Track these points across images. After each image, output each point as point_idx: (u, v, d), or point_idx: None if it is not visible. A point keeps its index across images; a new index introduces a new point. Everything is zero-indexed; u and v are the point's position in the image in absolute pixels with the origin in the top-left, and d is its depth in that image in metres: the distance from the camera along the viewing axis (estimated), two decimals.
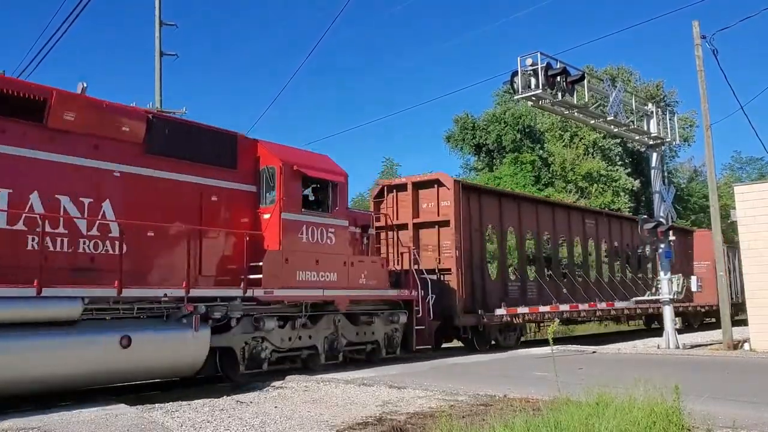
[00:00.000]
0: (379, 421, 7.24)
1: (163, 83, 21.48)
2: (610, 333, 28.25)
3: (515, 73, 14.60)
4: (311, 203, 13.22)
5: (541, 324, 20.45)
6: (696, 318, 29.16)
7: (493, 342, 17.69)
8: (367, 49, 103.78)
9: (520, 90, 14.66)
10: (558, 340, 20.09)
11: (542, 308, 18.38)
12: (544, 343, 17.60)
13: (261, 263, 11.54)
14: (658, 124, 18.54)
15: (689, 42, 18.59)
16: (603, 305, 20.92)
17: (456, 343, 18.24)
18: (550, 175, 37.61)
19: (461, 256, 16.64)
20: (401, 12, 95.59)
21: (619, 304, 21.60)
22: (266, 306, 11.75)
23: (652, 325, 27.18)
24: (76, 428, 7.10)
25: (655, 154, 18.81)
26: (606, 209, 32.35)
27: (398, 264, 15.95)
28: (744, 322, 18.18)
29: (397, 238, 16.26)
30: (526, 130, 37.57)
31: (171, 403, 8.73)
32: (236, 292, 11.13)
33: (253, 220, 12.29)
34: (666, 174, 26.19)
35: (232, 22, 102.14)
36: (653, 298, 19.31)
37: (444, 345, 17.84)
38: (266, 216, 12.26)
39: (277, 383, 10.71)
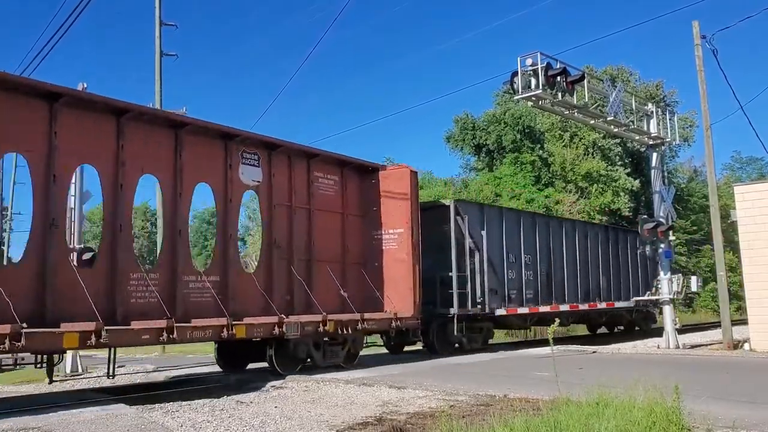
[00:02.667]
0: (379, 421, 7.24)
1: (164, 83, 21.51)
2: None
3: (515, 74, 14.58)
4: None
5: None
6: (356, 342, 13.35)
7: None
8: (366, 49, 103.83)
9: (520, 90, 14.64)
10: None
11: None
12: (544, 343, 17.59)
13: None
14: (658, 124, 18.55)
15: (689, 42, 18.62)
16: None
17: None
18: (550, 175, 37.56)
19: None
20: (401, 12, 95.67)
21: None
22: None
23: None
24: (76, 428, 7.10)
25: (655, 154, 18.81)
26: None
27: None
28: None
29: None
30: (526, 131, 37.52)
31: (171, 403, 8.73)
32: None
33: None
34: (666, 174, 26.01)
35: (232, 22, 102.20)
36: (654, 298, 19.28)
37: None
38: None
39: (277, 383, 10.71)
